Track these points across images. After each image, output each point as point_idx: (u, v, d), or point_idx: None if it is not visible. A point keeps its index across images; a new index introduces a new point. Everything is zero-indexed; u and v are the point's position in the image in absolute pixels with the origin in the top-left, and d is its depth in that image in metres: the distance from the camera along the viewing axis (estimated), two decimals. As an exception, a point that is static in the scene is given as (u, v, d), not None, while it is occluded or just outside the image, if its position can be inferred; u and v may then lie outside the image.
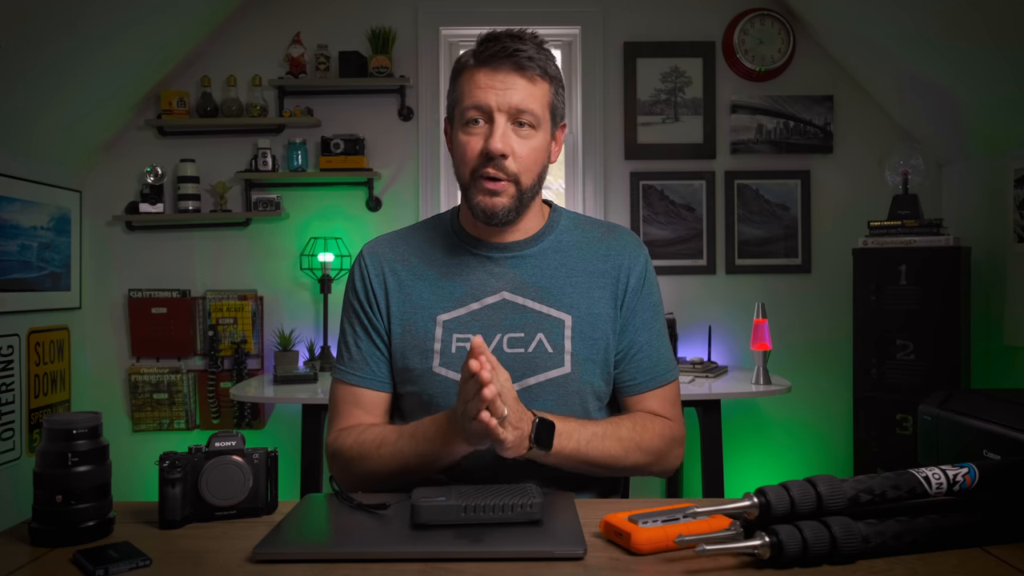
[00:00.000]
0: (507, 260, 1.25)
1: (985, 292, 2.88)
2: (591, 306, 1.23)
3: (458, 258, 1.26)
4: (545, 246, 1.27)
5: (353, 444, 1.20)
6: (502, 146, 1.15)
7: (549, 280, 1.24)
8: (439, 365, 1.21)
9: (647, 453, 1.20)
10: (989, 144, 2.85)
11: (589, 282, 1.25)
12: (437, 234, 1.31)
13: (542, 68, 1.18)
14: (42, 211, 2.83)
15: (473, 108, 1.17)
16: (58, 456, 0.92)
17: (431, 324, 1.23)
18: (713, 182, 3.21)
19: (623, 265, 1.26)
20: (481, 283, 1.24)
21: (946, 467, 0.91)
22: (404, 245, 1.30)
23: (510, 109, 1.16)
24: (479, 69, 1.17)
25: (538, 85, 1.18)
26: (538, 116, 1.18)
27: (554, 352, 1.20)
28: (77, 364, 3.08)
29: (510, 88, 1.16)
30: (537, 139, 1.19)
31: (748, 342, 2.94)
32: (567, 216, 1.33)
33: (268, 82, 3.15)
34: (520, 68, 1.16)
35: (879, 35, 2.82)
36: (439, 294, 1.24)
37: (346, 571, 0.83)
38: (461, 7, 3.17)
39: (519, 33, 1.18)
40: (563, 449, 1.11)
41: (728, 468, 2.85)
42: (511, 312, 1.22)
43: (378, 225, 3.18)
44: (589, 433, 1.15)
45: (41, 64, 2.41)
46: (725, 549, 0.81)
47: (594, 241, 1.29)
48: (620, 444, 1.17)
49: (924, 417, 2.07)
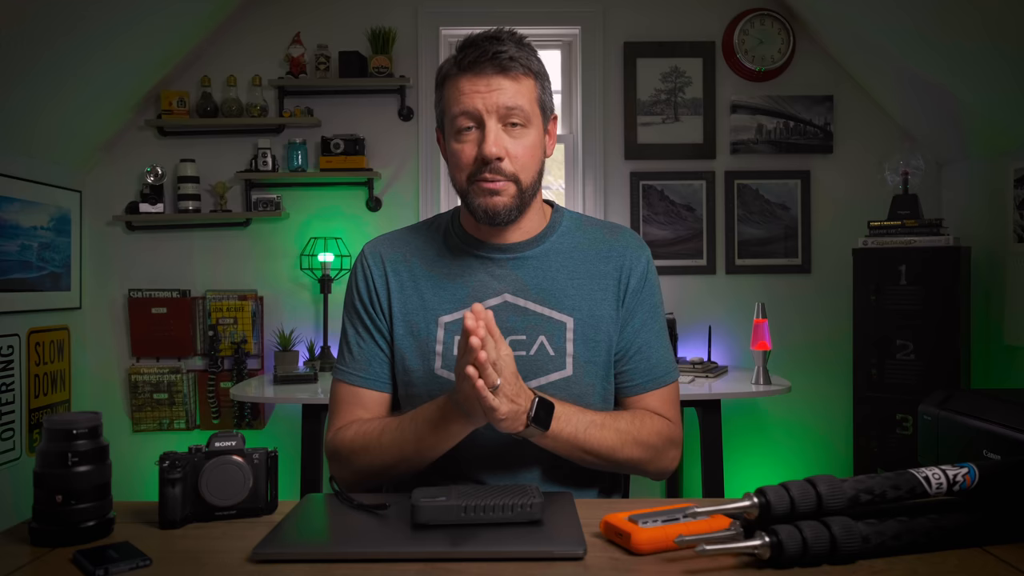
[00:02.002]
0: (509, 262, 1.25)
1: (985, 292, 2.88)
2: (593, 308, 1.23)
3: (459, 259, 1.26)
4: (547, 247, 1.26)
5: (355, 436, 1.19)
6: (496, 149, 1.14)
7: (551, 282, 1.24)
8: (440, 367, 1.21)
9: (644, 448, 1.20)
10: (989, 144, 2.85)
11: (591, 284, 1.24)
12: (438, 235, 1.30)
13: (524, 65, 1.17)
14: (42, 211, 2.83)
15: (462, 115, 1.16)
16: (58, 456, 0.92)
17: (433, 326, 1.22)
18: (713, 182, 3.21)
19: (624, 265, 1.26)
20: (483, 285, 1.23)
21: (946, 467, 0.91)
22: (405, 245, 1.30)
23: (499, 110, 1.15)
24: (462, 76, 1.16)
25: (523, 83, 1.17)
26: (527, 113, 1.17)
27: (556, 355, 1.20)
28: (77, 364, 3.08)
29: (496, 90, 1.15)
30: (530, 136, 1.18)
31: (748, 342, 2.95)
32: (569, 216, 1.32)
33: (268, 82, 3.15)
34: (503, 69, 1.15)
35: (879, 35, 2.82)
36: (441, 295, 1.24)
37: (346, 571, 0.83)
38: (461, 7, 3.17)
39: (496, 34, 1.17)
40: (560, 432, 1.11)
41: (728, 468, 2.85)
42: (512, 314, 1.21)
43: (378, 225, 3.18)
44: (587, 420, 1.14)
45: (41, 64, 2.41)
46: (725, 549, 0.81)
47: (596, 242, 1.28)
48: (618, 435, 1.17)
49: (924, 417, 2.07)
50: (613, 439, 1.16)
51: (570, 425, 1.12)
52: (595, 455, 1.16)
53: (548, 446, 1.13)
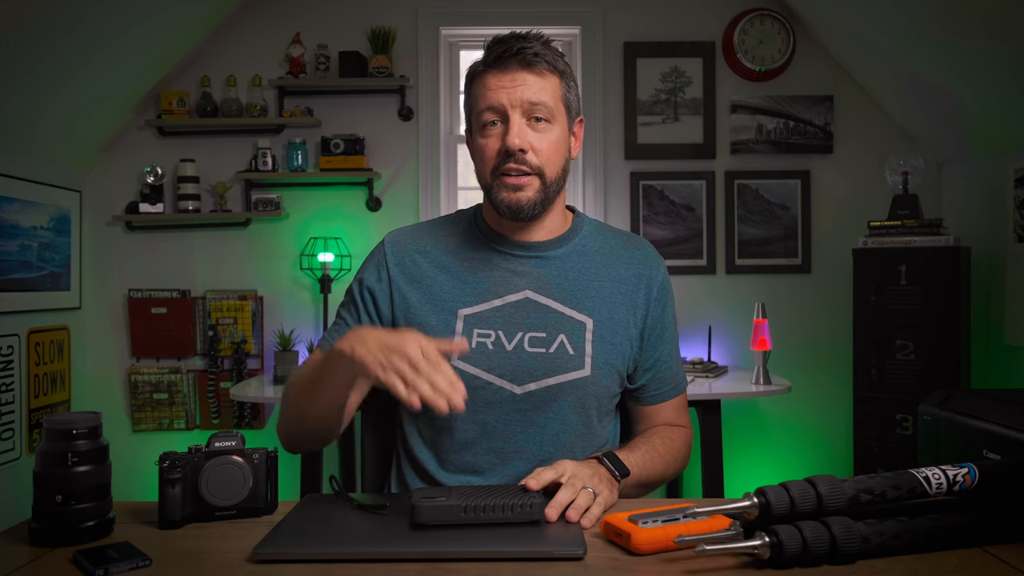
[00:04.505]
0: (531, 259, 1.26)
1: (985, 292, 2.88)
2: (612, 311, 1.24)
3: (481, 254, 1.26)
4: (569, 249, 1.28)
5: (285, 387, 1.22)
6: (520, 141, 1.16)
7: (572, 282, 1.25)
8: (457, 358, 1.20)
9: (680, 461, 1.27)
10: (989, 144, 2.85)
11: (612, 288, 1.26)
12: (460, 229, 1.31)
13: (549, 63, 1.19)
14: (42, 211, 2.83)
15: (487, 110, 1.18)
16: (58, 456, 0.92)
17: (451, 317, 1.22)
18: (713, 182, 3.21)
19: (643, 275, 1.28)
20: (505, 280, 1.24)
21: (946, 467, 0.91)
22: (427, 237, 1.30)
23: (523, 104, 1.16)
24: (488, 72, 1.19)
25: (547, 79, 1.19)
26: (551, 109, 1.18)
27: (575, 354, 1.21)
28: (77, 364, 3.08)
29: (520, 84, 1.17)
30: (554, 132, 1.20)
31: (748, 342, 2.95)
32: (589, 222, 1.34)
33: (268, 82, 3.15)
34: (527, 64, 1.17)
35: (879, 35, 2.82)
36: (461, 288, 1.24)
37: (346, 571, 0.83)
38: (461, 7, 3.17)
39: (524, 33, 1.20)
40: (631, 477, 1.14)
41: (728, 468, 2.85)
42: (534, 311, 1.22)
43: (378, 225, 3.18)
44: (639, 458, 1.17)
45: (41, 64, 2.41)
46: (725, 549, 0.81)
47: (617, 248, 1.30)
48: (662, 461, 1.22)
49: (924, 417, 2.07)
50: (660, 466, 1.21)
51: (634, 467, 1.15)
52: (650, 486, 1.22)
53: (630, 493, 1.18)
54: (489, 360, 1.19)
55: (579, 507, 0.97)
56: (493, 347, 1.20)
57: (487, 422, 1.19)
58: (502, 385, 1.19)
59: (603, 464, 1.10)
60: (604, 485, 1.04)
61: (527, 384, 1.19)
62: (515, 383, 1.19)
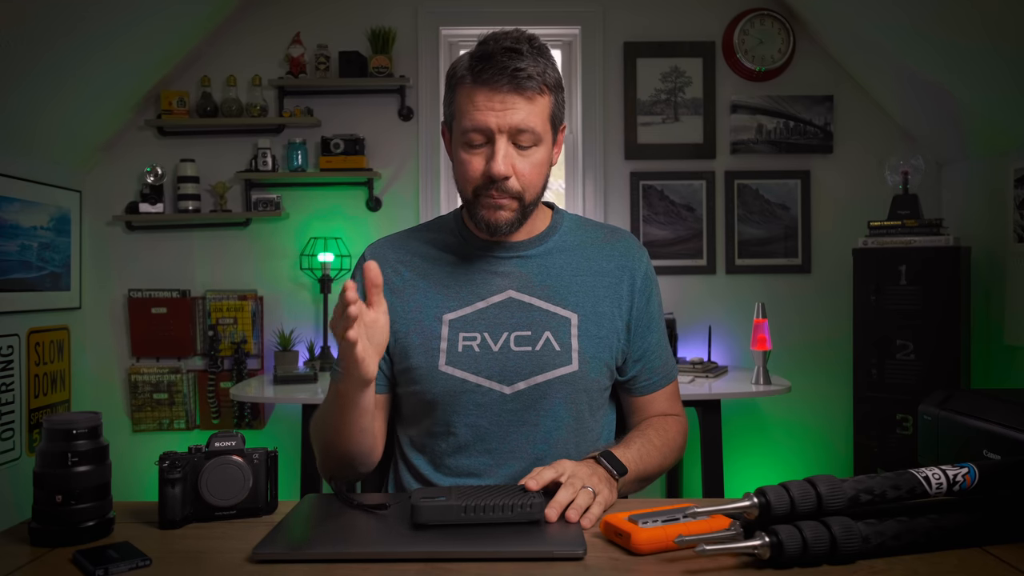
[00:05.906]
0: (512, 259, 1.26)
1: (985, 292, 2.88)
2: (596, 305, 1.25)
3: (463, 258, 1.27)
4: (550, 246, 1.28)
5: (312, 422, 1.25)
6: (504, 169, 1.14)
7: (555, 279, 1.25)
8: (445, 364, 1.21)
9: (676, 452, 1.28)
10: (989, 144, 2.85)
11: (594, 281, 1.26)
12: (441, 234, 1.31)
13: (540, 82, 1.15)
14: (42, 211, 2.83)
15: (473, 131, 1.15)
16: (58, 456, 0.92)
17: (437, 323, 1.23)
18: (713, 182, 3.21)
19: (626, 266, 1.28)
20: (487, 282, 1.24)
21: (946, 467, 0.91)
22: (407, 245, 1.31)
23: (511, 129, 1.14)
24: (477, 89, 1.14)
25: (537, 103, 1.16)
26: (539, 134, 1.16)
27: (561, 350, 1.21)
28: (77, 364, 3.08)
29: (510, 109, 1.13)
30: (539, 154, 1.18)
31: (748, 342, 2.95)
32: (569, 218, 1.34)
33: (268, 82, 3.15)
34: (519, 88, 1.13)
35: (879, 35, 2.82)
36: (445, 293, 1.24)
37: (346, 571, 0.83)
38: (461, 7, 3.17)
39: (515, 46, 1.14)
40: (629, 473, 1.14)
41: (728, 468, 2.85)
42: (518, 311, 1.23)
43: (378, 225, 3.18)
44: (635, 453, 1.17)
45: (41, 64, 2.41)
46: (725, 549, 0.81)
47: (598, 241, 1.30)
48: (659, 453, 1.22)
49: (924, 417, 2.07)
50: (657, 458, 1.22)
51: (631, 463, 1.15)
52: (649, 479, 1.22)
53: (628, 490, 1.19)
54: (477, 363, 1.20)
55: (579, 507, 0.97)
56: (480, 349, 1.20)
57: (479, 425, 1.20)
58: (491, 387, 1.19)
59: (601, 463, 1.10)
60: (603, 484, 1.05)
61: (516, 384, 1.19)
62: (504, 383, 1.19)
